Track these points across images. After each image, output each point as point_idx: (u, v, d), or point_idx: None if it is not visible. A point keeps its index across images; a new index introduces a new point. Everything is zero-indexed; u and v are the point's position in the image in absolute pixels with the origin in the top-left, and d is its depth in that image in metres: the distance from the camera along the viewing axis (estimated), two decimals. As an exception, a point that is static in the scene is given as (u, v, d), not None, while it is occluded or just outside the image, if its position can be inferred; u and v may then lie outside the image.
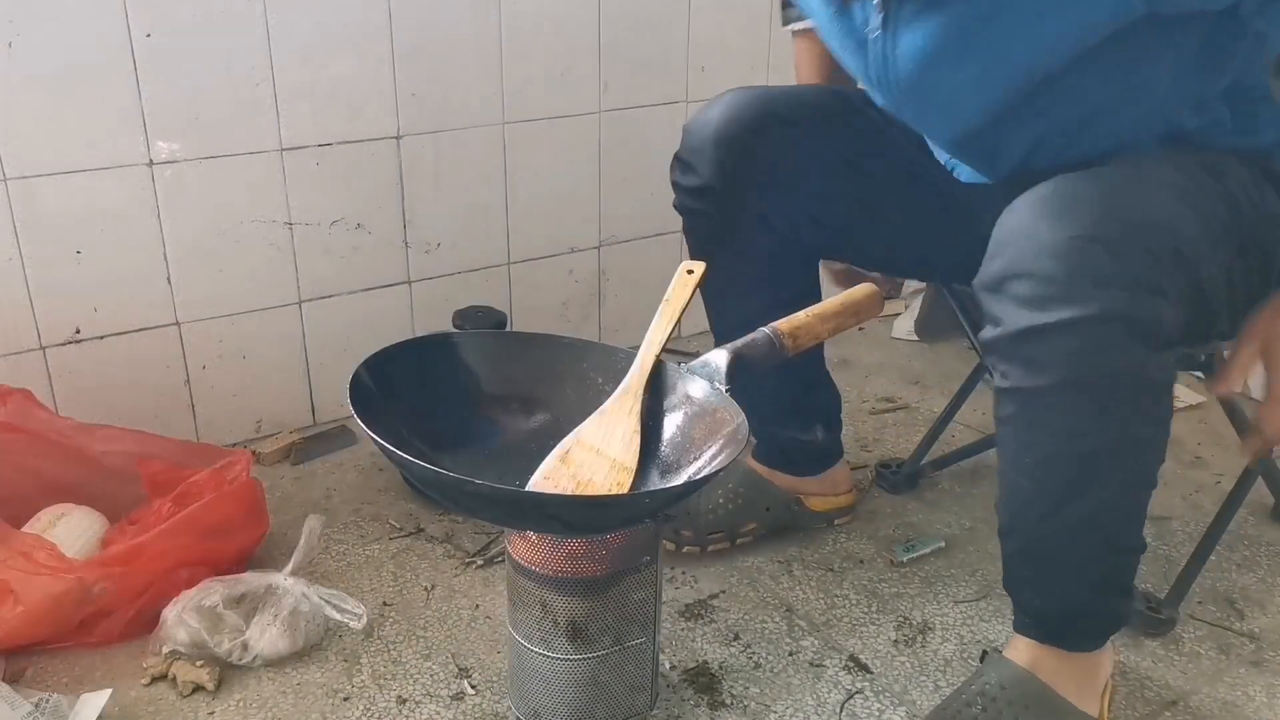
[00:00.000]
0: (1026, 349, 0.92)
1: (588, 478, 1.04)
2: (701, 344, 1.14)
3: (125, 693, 1.18)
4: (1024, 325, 0.91)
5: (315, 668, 1.22)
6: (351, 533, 1.47)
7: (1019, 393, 0.95)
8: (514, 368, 1.14)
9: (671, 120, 1.87)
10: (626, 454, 1.04)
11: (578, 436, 1.08)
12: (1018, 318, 0.91)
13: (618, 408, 1.07)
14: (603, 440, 1.06)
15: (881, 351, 2.04)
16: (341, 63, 1.55)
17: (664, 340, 1.08)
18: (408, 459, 0.93)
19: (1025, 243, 0.91)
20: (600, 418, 1.08)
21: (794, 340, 1.02)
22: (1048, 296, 0.89)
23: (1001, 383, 0.96)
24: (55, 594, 1.18)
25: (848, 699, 1.19)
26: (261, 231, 1.58)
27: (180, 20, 1.42)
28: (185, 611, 1.20)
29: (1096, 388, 0.92)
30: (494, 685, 1.20)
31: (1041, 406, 0.94)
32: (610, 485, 1.02)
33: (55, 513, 1.33)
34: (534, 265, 1.84)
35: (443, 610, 1.32)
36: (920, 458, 1.59)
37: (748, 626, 1.30)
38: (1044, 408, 0.94)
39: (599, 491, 1.02)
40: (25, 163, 1.39)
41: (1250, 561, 1.43)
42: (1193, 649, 1.27)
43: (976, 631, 1.30)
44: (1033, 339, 0.91)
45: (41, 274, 1.45)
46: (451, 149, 1.69)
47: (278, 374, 1.68)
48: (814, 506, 1.45)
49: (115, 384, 1.53)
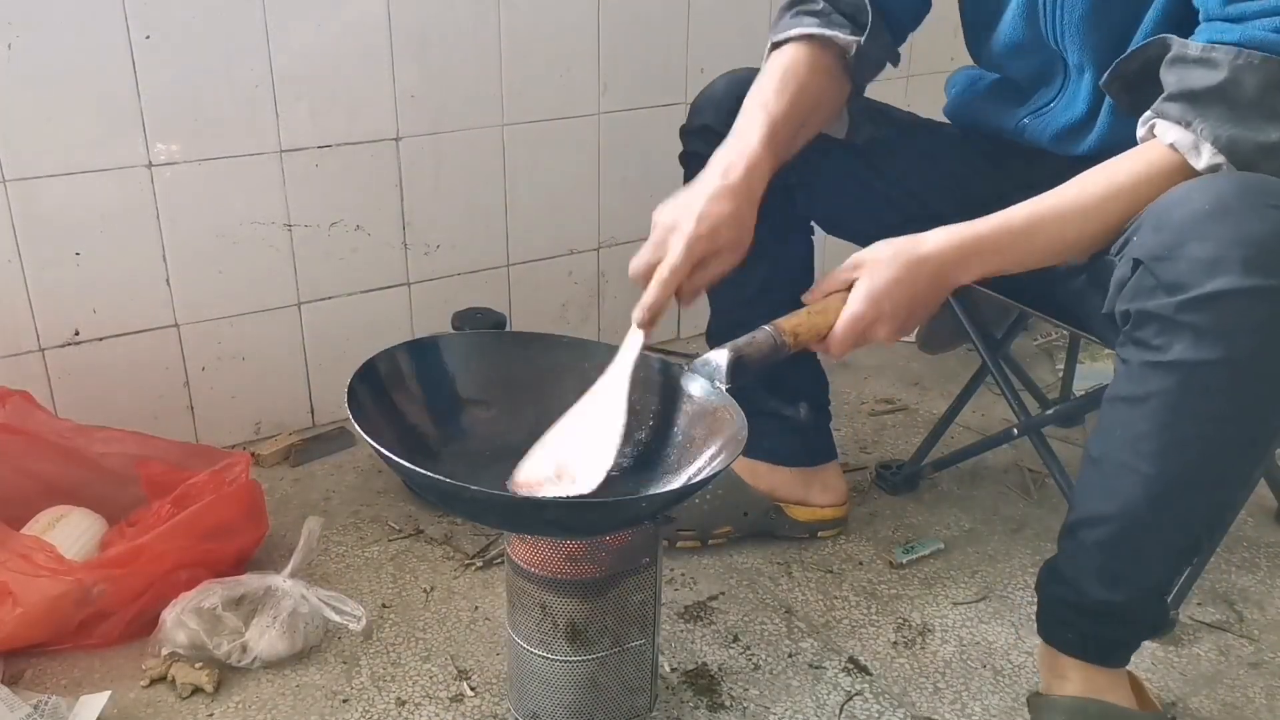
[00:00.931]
0: (1204, 315, 0.87)
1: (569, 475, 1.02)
2: (701, 345, 1.14)
3: (124, 694, 1.18)
4: (1208, 289, 0.86)
5: (314, 670, 1.22)
6: (351, 534, 1.47)
7: (1176, 367, 0.90)
8: (515, 368, 1.14)
9: (671, 122, 1.86)
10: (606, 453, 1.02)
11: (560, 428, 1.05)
12: (1200, 280, 0.86)
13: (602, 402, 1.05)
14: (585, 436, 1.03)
15: (880, 353, 2.04)
16: (341, 64, 1.55)
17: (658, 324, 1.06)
18: (405, 465, 0.93)
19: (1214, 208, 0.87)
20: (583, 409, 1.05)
21: (795, 337, 1.02)
22: (1240, 259, 0.85)
23: (1153, 356, 0.91)
24: (54, 596, 1.18)
25: (847, 700, 1.19)
26: (261, 233, 1.58)
27: (179, 22, 1.42)
28: (184, 613, 1.20)
29: (1265, 370, 0.88)
30: (493, 687, 1.20)
31: (1199, 385, 0.90)
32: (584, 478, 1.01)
33: (54, 514, 1.33)
34: (533, 267, 1.84)
35: (442, 612, 1.32)
36: (920, 459, 1.59)
37: (747, 628, 1.30)
38: (1202, 387, 0.90)
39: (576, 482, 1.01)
40: (24, 164, 1.39)
41: (1250, 563, 1.43)
42: (1192, 650, 1.27)
43: (976, 633, 1.29)
44: (1214, 304, 0.86)
45: (41, 275, 1.45)
46: (451, 150, 1.69)
47: (277, 376, 1.68)
48: (795, 516, 1.44)
49: (114, 385, 1.53)
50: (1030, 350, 2.03)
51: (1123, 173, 0.98)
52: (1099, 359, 1.89)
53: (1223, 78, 0.91)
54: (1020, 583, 1.39)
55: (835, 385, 1.46)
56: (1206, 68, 0.93)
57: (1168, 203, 0.92)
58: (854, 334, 1.00)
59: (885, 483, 1.59)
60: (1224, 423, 0.92)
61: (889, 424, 1.79)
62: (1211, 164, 0.93)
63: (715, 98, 1.28)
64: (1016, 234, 1.00)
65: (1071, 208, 0.99)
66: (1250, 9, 0.92)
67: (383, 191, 1.66)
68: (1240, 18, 0.93)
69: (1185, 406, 0.91)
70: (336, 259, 1.66)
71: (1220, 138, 0.92)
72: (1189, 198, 0.90)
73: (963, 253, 1.00)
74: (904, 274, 0.99)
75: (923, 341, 1.99)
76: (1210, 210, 0.88)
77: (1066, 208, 0.99)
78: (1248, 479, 0.98)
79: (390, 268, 1.71)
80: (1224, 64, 0.92)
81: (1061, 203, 1.00)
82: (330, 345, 1.70)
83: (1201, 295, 0.87)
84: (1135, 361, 0.93)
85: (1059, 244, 1.01)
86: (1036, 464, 1.59)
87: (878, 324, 1.00)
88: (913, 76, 2.09)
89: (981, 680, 1.22)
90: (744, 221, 1.05)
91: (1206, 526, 1.00)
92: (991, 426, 1.74)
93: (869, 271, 1.00)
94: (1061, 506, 1.48)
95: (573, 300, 1.91)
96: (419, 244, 1.72)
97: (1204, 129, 0.93)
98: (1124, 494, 0.98)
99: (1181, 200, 0.91)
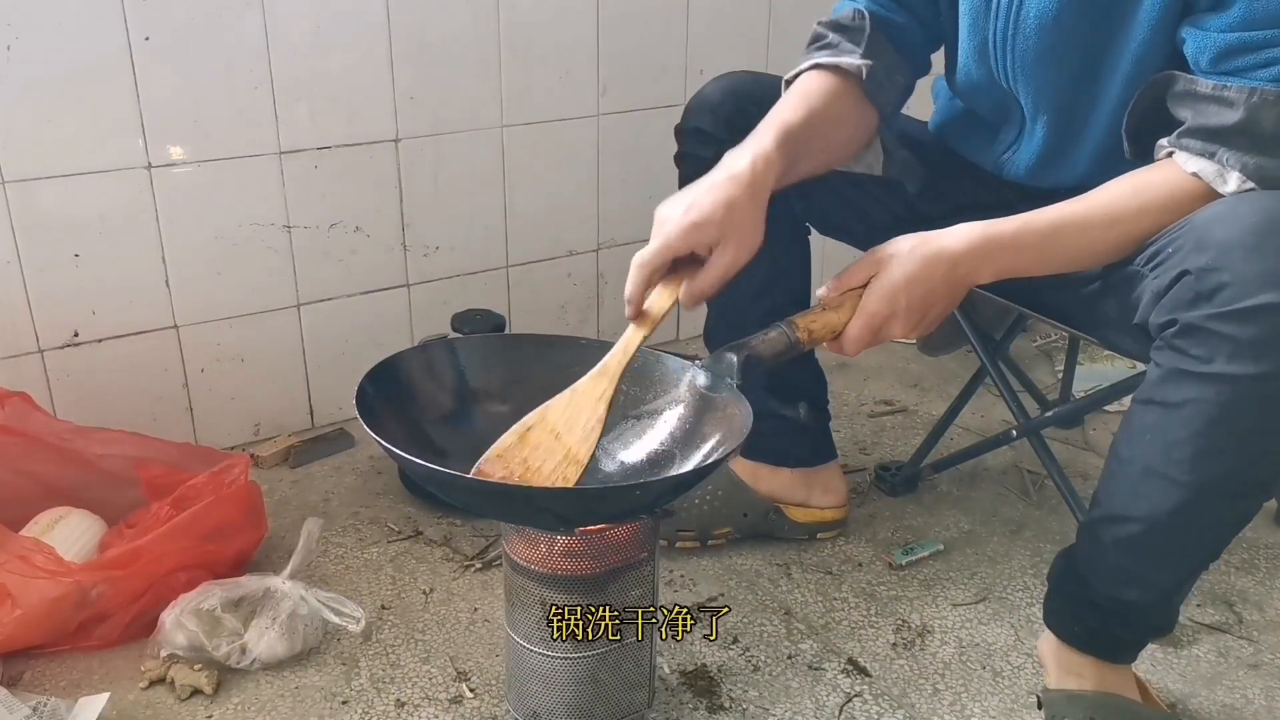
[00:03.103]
0: (1247, 328, 0.87)
1: (538, 464, 1.02)
2: (701, 346, 1.13)
3: (123, 696, 1.18)
4: (1254, 302, 0.86)
5: (314, 671, 1.22)
6: (350, 536, 1.47)
7: (1212, 379, 0.90)
8: (518, 368, 1.14)
9: (670, 123, 1.87)
10: (583, 446, 1.01)
11: (544, 413, 1.04)
12: (1247, 293, 0.86)
13: (589, 389, 1.03)
14: (566, 425, 1.03)
15: (880, 354, 2.04)
16: (340, 66, 1.56)
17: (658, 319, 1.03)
18: (404, 456, 0.94)
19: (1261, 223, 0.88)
20: (571, 396, 1.04)
21: (809, 335, 1.02)
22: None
23: (1188, 365, 0.91)
24: (53, 597, 1.18)
25: (846, 702, 1.19)
26: (260, 234, 1.58)
27: (179, 23, 1.43)
28: (183, 615, 1.20)
29: None
30: (492, 688, 1.20)
31: (1237, 397, 0.89)
32: (557, 479, 1.01)
33: (53, 516, 1.33)
34: (532, 268, 1.84)
35: (441, 613, 1.32)
36: (919, 460, 1.59)
37: (746, 629, 1.30)
38: (1239, 399, 0.89)
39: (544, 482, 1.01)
40: (24, 166, 1.39)
41: (1249, 564, 1.43)
42: (1192, 652, 1.27)
43: (975, 634, 1.29)
44: (1258, 317, 0.86)
45: (40, 277, 1.45)
46: (450, 152, 1.69)
47: (276, 377, 1.68)
48: (795, 517, 1.44)
49: (113, 387, 1.53)
50: (1029, 352, 2.03)
51: (1154, 188, 0.98)
52: (1098, 360, 1.89)
53: (1240, 116, 0.93)
54: (1019, 584, 1.38)
55: (834, 387, 1.46)
56: (1221, 105, 0.94)
57: (1210, 217, 0.92)
58: (869, 331, 1.00)
59: (884, 484, 1.59)
60: (1258, 436, 0.92)
61: (888, 425, 1.79)
62: (1240, 189, 0.94)
63: (710, 100, 1.27)
64: (1039, 236, 1.00)
65: (1098, 217, 0.99)
66: (1244, 63, 0.93)
67: (382, 193, 1.66)
68: (1236, 71, 0.94)
69: (1221, 418, 0.91)
70: (336, 260, 1.66)
71: (1248, 165, 0.93)
72: (1235, 212, 0.91)
73: (984, 250, 0.99)
74: (921, 270, 0.99)
75: (922, 343, 1.99)
76: (1258, 225, 0.88)
77: (1093, 216, 1.00)
78: (1270, 490, 0.99)
79: (390, 269, 1.71)
80: (1239, 102, 0.93)
81: (1088, 211, 1.00)
82: (330, 347, 1.70)
83: (1247, 308, 0.87)
84: (1173, 369, 0.93)
85: (1080, 251, 1.01)
86: (1036, 465, 1.59)
87: (893, 321, 1.00)
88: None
89: (981, 681, 1.22)
90: (745, 214, 1.02)
91: (1227, 535, 1.01)
92: (991, 428, 1.74)
93: (886, 267, 1.00)
94: (1061, 508, 1.49)
95: (572, 302, 1.91)
96: (418, 245, 1.72)
97: (1229, 158, 0.94)
98: (1151, 497, 0.98)
99: (1227, 215, 0.91)
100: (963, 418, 1.66)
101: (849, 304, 1.01)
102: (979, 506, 1.56)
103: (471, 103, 1.68)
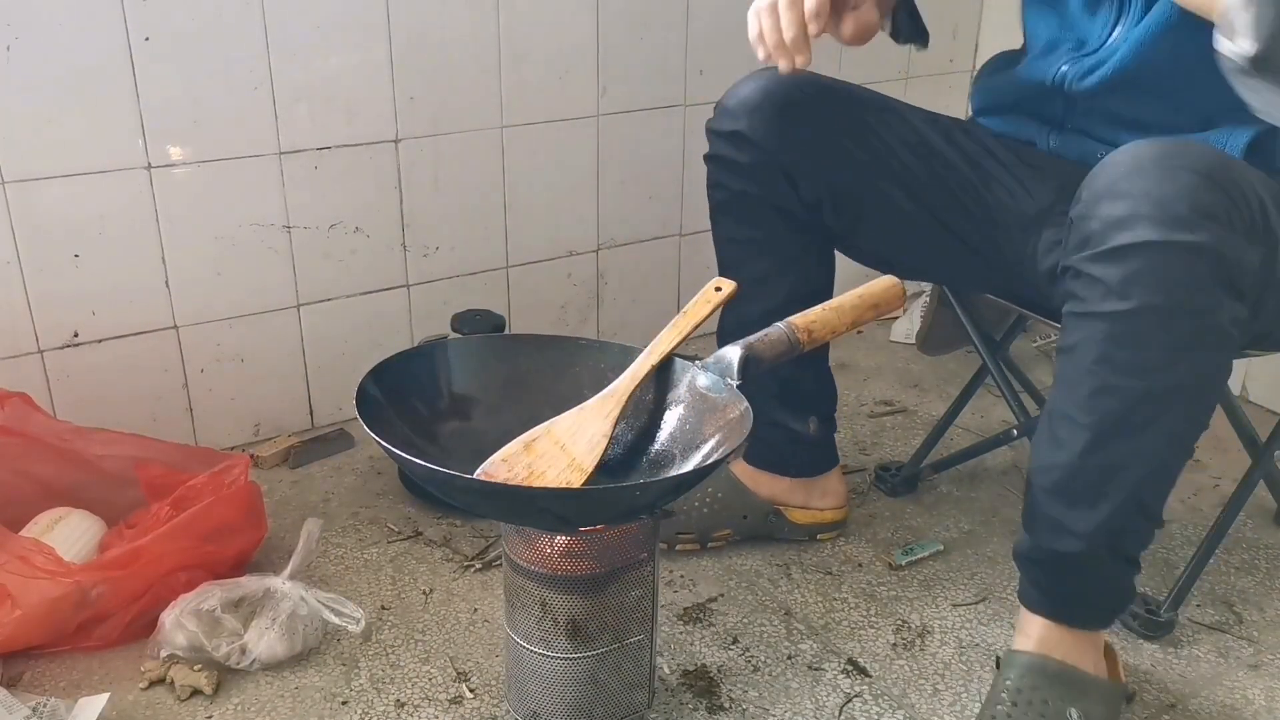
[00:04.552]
0: (1113, 268, 0.93)
1: (542, 470, 1.03)
2: (701, 347, 1.13)
3: (123, 696, 1.18)
4: (1115, 243, 0.92)
5: (313, 672, 1.22)
6: (350, 536, 1.47)
7: (1091, 318, 0.96)
8: (521, 369, 1.14)
9: (670, 124, 1.87)
10: (588, 456, 1.03)
11: (550, 426, 1.06)
12: (1110, 235, 0.92)
13: (596, 408, 1.06)
14: (571, 437, 1.05)
15: (880, 355, 2.04)
16: (340, 66, 1.56)
17: (668, 351, 1.07)
18: (404, 456, 0.94)
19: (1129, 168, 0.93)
20: (578, 413, 1.07)
21: (809, 335, 1.02)
22: (1145, 216, 0.91)
23: (1074, 307, 0.97)
24: (53, 598, 1.18)
25: (846, 702, 1.19)
26: (260, 235, 1.58)
27: (178, 24, 1.43)
28: (183, 615, 1.20)
29: (1172, 319, 0.93)
30: (492, 689, 1.20)
31: (1112, 334, 0.95)
32: (560, 484, 1.02)
33: (53, 516, 1.33)
34: (532, 269, 1.84)
35: (441, 614, 1.32)
36: (919, 461, 1.59)
37: (746, 630, 1.30)
38: (1114, 336, 0.95)
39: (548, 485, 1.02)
40: (24, 166, 1.39)
41: (1249, 565, 1.43)
42: (1191, 652, 1.27)
43: (975, 635, 1.29)
44: (1121, 257, 0.92)
45: (40, 278, 1.45)
46: (450, 152, 1.69)
47: (276, 377, 1.68)
48: (795, 519, 1.44)
49: (113, 387, 1.53)
50: (1029, 352, 2.03)
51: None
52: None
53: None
54: (1019, 584, 1.39)
55: (835, 386, 1.46)
56: None
57: (1099, 167, 0.97)
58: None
59: (884, 485, 1.59)
60: (1144, 372, 0.96)
61: (888, 426, 1.79)
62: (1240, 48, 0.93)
63: (749, 102, 1.23)
64: None
65: None
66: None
67: (382, 193, 1.66)
68: None
69: (1105, 355, 0.96)
70: (335, 261, 1.66)
71: None
72: (1114, 160, 0.96)
73: None
74: None
75: (922, 343, 1.99)
76: (1127, 171, 0.93)
77: None
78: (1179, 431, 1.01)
79: (389, 270, 1.71)
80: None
81: None
82: (329, 347, 1.70)
83: (1110, 249, 0.93)
84: (1068, 313, 0.99)
85: None
86: (1036, 465, 1.59)
87: None
88: (912, 79, 2.10)
89: (981, 682, 1.22)
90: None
91: (1143, 478, 1.02)
92: (991, 428, 1.74)
93: None
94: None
95: (572, 302, 1.91)
96: (418, 246, 1.72)
97: None
98: (1066, 443, 1.02)
99: (1108, 163, 0.96)
100: (963, 418, 1.66)
101: (848, 305, 1.02)
102: (979, 507, 1.56)
103: (471, 103, 1.68)
